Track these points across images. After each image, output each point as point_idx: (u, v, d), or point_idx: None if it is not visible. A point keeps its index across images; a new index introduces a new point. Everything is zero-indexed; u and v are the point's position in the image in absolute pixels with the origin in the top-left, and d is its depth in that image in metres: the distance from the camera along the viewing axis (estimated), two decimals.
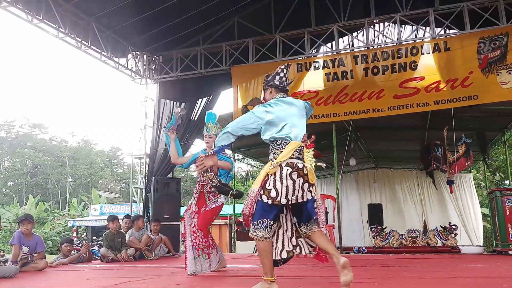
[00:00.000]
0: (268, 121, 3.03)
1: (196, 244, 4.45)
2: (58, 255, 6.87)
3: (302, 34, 8.62)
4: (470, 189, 13.25)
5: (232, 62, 9.00)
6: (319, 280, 3.84)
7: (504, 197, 6.38)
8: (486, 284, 3.29)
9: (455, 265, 4.72)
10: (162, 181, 8.41)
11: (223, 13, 8.73)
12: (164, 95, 9.58)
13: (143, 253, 7.13)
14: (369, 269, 4.86)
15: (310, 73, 8.65)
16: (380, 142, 12.44)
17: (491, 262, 5.53)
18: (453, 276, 3.71)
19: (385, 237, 10.02)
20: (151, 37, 8.91)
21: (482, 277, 3.76)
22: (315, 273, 4.38)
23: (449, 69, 7.78)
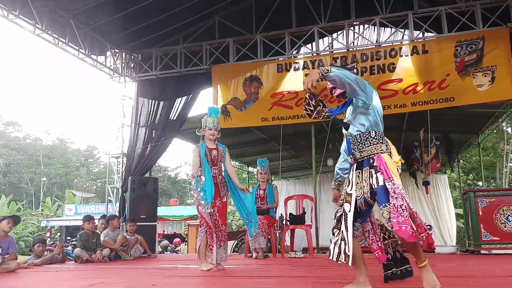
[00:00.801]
0: (373, 106, 2.92)
1: (220, 236, 4.74)
2: (30, 256, 6.71)
3: (283, 35, 8.63)
4: (444, 189, 13.48)
5: (212, 61, 8.95)
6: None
7: (477, 198, 6.51)
8: (458, 283, 3.34)
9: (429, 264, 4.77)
10: (139, 181, 8.31)
11: (204, 12, 8.66)
12: (142, 94, 9.46)
13: (118, 253, 7.02)
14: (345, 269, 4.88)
15: (290, 74, 8.67)
16: None
17: (464, 261, 5.64)
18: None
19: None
20: (130, 35, 8.78)
21: (455, 276, 3.81)
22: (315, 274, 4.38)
23: (426, 71, 7.90)
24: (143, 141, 9.09)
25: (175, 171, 40.07)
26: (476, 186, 16.91)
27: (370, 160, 2.85)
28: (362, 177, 2.86)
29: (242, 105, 8.80)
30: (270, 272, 4.60)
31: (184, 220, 18.51)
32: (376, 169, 2.80)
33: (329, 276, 4.13)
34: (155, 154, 9.13)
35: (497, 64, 7.42)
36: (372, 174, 2.81)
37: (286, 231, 7.36)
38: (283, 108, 8.54)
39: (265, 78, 8.79)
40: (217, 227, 4.74)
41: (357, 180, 2.89)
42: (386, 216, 2.71)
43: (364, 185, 2.82)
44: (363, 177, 2.85)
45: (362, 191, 2.82)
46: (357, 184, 2.87)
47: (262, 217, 6.62)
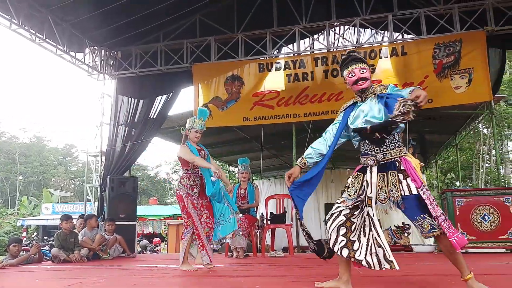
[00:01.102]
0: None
1: (210, 235, 4.69)
2: (5, 256, 6.56)
3: (264, 35, 8.64)
4: None
5: (193, 59, 8.90)
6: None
7: (455, 197, 6.62)
8: (436, 281, 3.39)
9: (408, 263, 4.85)
10: (118, 180, 8.21)
11: (185, 10, 8.61)
12: (122, 92, 9.34)
13: (97, 253, 6.93)
14: (325, 267, 4.91)
15: (272, 74, 8.69)
16: None
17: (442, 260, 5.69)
18: (406, 274, 3.81)
19: None
20: (110, 32, 8.66)
21: (433, 275, 3.88)
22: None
23: (405, 73, 8.02)
24: (122, 140, 8.99)
25: (155, 170, 39.79)
26: (454, 186, 17.23)
27: (396, 163, 2.77)
28: (388, 181, 2.75)
29: (224, 104, 8.78)
30: (251, 271, 4.60)
31: (163, 220, 18.36)
32: (404, 173, 2.72)
33: (309, 275, 4.15)
34: (134, 152, 9.04)
35: (474, 67, 7.57)
36: (401, 180, 2.72)
37: (266, 231, 7.37)
38: (264, 108, 8.55)
39: (247, 78, 8.79)
40: (209, 225, 4.70)
41: (382, 184, 2.78)
42: (426, 228, 2.60)
43: (392, 189, 2.72)
44: (390, 181, 2.75)
45: (387, 195, 2.73)
46: (382, 188, 2.77)
47: (243, 216, 6.61)
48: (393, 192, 2.70)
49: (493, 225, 6.28)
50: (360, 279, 3.18)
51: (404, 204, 2.68)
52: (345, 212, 2.85)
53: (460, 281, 2.66)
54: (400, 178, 2.71)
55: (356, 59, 2.95)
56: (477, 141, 21.62)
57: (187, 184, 4.68)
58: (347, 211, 2.85)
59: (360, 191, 2.84)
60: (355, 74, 2.90)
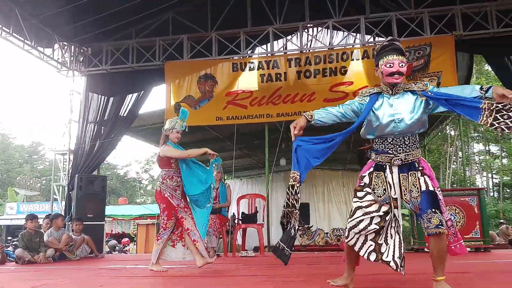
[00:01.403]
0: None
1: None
2: None
3: (238, 34, 8.62)
4: None
5: (165, 57, 8.79)
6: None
7: None
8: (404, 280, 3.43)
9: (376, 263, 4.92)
10: (86, 179, 8.03)
11: (158, 7, 8.48)
12: (92, 89, 9.15)
13: (63, 253, 6.75)
14: (296, 267, 4.94)
15: (245, 73, 8.68)
16: None
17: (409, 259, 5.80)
18: (375, 273, 3.85)
19: (312, 236, 10.30)
20: (80, 28, 8.46)
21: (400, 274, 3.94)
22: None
23: (376, 75, 8.12)
24: (91, 138, 8.81)
25: (125, 169, 39.17)
26: None
27: (416, 164, 2.71)
28: (409, 181, 2.68)
29: (197, 104, 8.71)
30: (221, 271, 4.57)
31: (133, 220, 18.08)
32: (422, 172, 2.69)
33: (280, 274, 4.16)
34: (103, 151, 8.87)
35: (442, 70, 7.76)
36: (419, 177, 2.67)
37: (238, 230, 7.35)
38: (237, 107, 8.53)
39: (220, 77, 8.75)
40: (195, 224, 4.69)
41: (406, 184, 2.69)
42: (435, 222, 2.52)
43: (412, 189, 2.65)
44: (411, 181, 2.67)
45: (410, 195, 2.66)
46: (406, 188, 2.68)
47: (214, 216, 6.57)
48: (413, 193, 2.64)
49: (458, 225, 6.44)
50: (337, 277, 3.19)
51: (421, 200, 2.62)
52: (377, 221, 2.71)
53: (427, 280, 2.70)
54: (418, 175, 2.67)
55: (398, 49, 2.73)
56: (445, 143, 22.21)
57: (170, 185, 4.62)
58: (378, 219, 2.71)
59: (387, 191, 2.73)
60: (394, 65, 2.70)
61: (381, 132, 2.75)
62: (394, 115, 2.70)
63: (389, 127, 2.70)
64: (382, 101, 2.78)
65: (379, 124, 2.73)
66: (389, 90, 2.79)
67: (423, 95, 2.71)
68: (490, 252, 6.40)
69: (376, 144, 2.81)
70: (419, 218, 2.63)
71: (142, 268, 5.18)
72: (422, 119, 2.72)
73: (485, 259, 5.11)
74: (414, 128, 2.72)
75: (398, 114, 2.69)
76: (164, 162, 4.68)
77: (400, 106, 2.72)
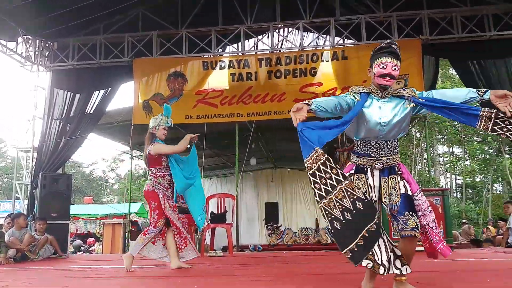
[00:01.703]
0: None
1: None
2: None
3: (209, 32, 8.55)
4: None
5: (134, 54, 8.63)
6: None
7: None
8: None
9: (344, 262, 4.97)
10: (51, 177, 7.79)
11: (127, 3, 8.30)
12: (57, 85, 8.89)
13: (25, 254, 6.53)
14: (264, 267, 4.95)
15: (216, 72, 8.63)
16: (279, 143, 12.81)
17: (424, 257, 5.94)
18: (344, 272, 3.90)
19: (280, 235, 10.35)
20: (46, 22, 8.18)
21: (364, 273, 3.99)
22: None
23: (345, 77, 8.24)
24: (56, 135, 8.56)
25: (91, 167, 38.34)
26: None
27: (395, 168, 2.75)
28: (389, 185, 2.71)
29: (166, 101, 8.58)
30: (189, 272, 4.52)
31: (99, 219, 17.72)
32: (401, 176, 2.73)
33: (248, 274, 4.15)
34: (69, 149, 8.64)
35: (409, 73, 7.93)
36: (399, 181, 2.71)
37: (206, 230, 7.30)
38: (207, 106, 8.47)
39: (190, 75, 8.67)
40: (184, 224, 4.78)
41: (386, 187, 2.71)
42: (411, 225, 2.58)
43: (392, 193, 2.68)
44: (391, 184, 2.71)
45: (389, 198, 2.69)
46: (386, 191, 2.71)
47: (182, 216, 6.50)
48: (393, 196, 2.67)
49: None
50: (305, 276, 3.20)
51: (398, 202, 2.66)
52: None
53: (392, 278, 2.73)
54: (398, 179, 2.72)
55: (394, 53, 2.72)
56: (410, 144, 22.76)
57: (163, 184, 4.62)
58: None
59: (368, 193, 2.70)
60: (387, 68, 2.70)
61: (367, 133, 2.74)
62: (381, 118, 2.70)
63: (375, 129, 2.71)
64: (371, 102, 2.77)
65: (367, 124, 2.72)
66: (379, 92, 2.79)
67: (413, 101, 2.72)
68: (453, 251, 6.56)
69: (359, 147, 2.81)
70: (394, 220, 2.66)
71: (108, 268, 5.08)
72: (406, 124, 2.77)
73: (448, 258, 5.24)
74: (398, 132, 2.76)
75: (385, 117, 2.70)
76: (155, 161, 4.67)
77: (388, 110, 2.73)
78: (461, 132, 24.02)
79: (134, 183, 28.94)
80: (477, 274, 3.84)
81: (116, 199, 33.28)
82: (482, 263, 4.91)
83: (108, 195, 34.49)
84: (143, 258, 4.91)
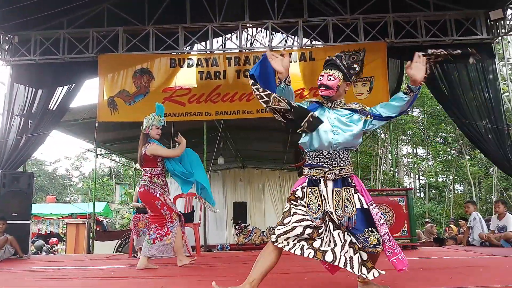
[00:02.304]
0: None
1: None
2: None
3: (177, 29, 8.46)
4: None
5: (99, 50, 8.44)
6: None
7: None
8: (341, 277, 3.52)
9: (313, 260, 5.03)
10: (11, 175, 7.52)
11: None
12: (18, 80, 8.58)
13: None
14: (231, 266, 4.95)
15: (183, 70, 8.55)
16: (247, 142, 12.84)
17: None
18: (311, 271, 3.94)
19: (248, 234, 10.36)
20: (6, 14, 7.85)
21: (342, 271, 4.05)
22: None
23: (312, 78, 8.31)
24: (17, 132, 8.28)
25: (53, 165, 37.34)
26: None
27: (349, 179, 2.75)
28: (343, 197, 2.69)
29: (131, 99, 8.46)
30: (156, 272, 4.47)
31: (62, 219, 17.29)
32: (355, 189, 2.73)
33: (216, 274, 4.14)
34: (30, 146, 8.37)
35: (374, 75, 8.09)
36: (353, 193, 2.71)
37: None
38: (175, 104, 8.38)
39: (157, 72, 8.56)
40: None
41: (338, 199, 2.69)
42: (372, 242, 2.59)
43: (347, 205, 2.66)
44: (345, 196, 2.69)
45: (343, 211, 2.65)
46: (339, 204, 2.68)
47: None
48: (348, 208, 2.65)
49: (388, 223, 6.74)
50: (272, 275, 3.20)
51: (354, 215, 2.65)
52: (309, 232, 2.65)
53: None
54: (352, 192, 2.71)
55: (333, 64, 2.81)
56: (375, 145, 23.24)
57: (158, 184, 4.63)
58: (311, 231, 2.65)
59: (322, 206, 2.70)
60: (323, 78, 2.80)
61: (319, 143, 2.75)
62: (333, 127, 2.75)
63: (328, 139, 2.73)
64: (323, 112, 2.82)
65: (318, 134, 2.75)
66: (328, 103, 2.85)
67: (369, 114, 2.82)
68: (417, 250, 6.75)
69: (311, 158, 2.80)
70: (353, 236, 2.64)
71: (71, 269, 4.95)
72: (359, 136, 2.80)
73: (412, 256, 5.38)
74: (350, 143, 2.78)
75: (336, 128, 2.75)
76: (150, 161, 4.66)
77: (340, 121, 2.78)
78: (424, 134, 24.74)
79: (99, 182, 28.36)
80: (440, 272, 3.95)
81: (80, 198, 32.53)
82: (444, 261, 5.05)
83: (71, 194, 33.64)
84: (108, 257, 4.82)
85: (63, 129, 10.45)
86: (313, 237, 2.65)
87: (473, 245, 7.13)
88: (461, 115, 8.07)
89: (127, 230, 10.17)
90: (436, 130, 24.40)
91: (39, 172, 33.50)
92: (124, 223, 17.40)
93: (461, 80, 8.14)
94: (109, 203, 22.52)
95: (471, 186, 22.29)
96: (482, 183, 23.71)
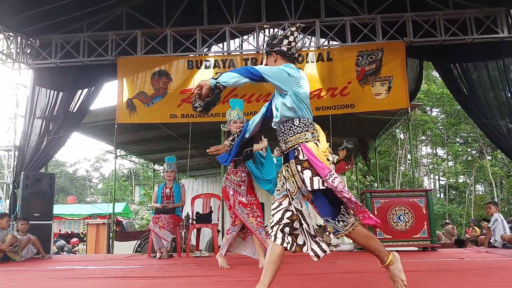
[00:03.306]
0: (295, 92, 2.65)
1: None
2: None
3: (194, 31, 8.52)
4: None
5: (118, 52, 8.55)
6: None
7: (373, 198, 6.96)
8: (355, 279, 3.52)
9: (328, 262, 5.00)
10: (33, 176, 7.68)
11: (111, 1, 8.20)
12: (39, 83, 8.76)
13: (7, 254, 6.43)
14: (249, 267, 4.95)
15: (201, 71, 8.59)
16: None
17: (360, 258, 5.98)
18: (327, 272, 3.93)
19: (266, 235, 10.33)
20: (28, 19, 8.03)
21: (352, 272, 4.03)
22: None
23: (330, 78, 8.29)
24: (39, 134, 8.45)
25: (74, 167, 37.94)
26: (373, 187, 18.14)
27: (295, 152, 2.56)
28: (292, 171, 2.56)
29: (150, 100, 8.55)
30: (174, 272, 4.50)
31: (82, 219, 17.55)
32: (303, 165, 2.51)
33: (233, 274, 4.15)
34: (52, 148, 8.53)
35: (393, 75, 8.01)
36: (300, 170, 2.51)
37: (192, 230, 7.28)
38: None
39: (175, 74, 8.63)
40: (260, 225, 4.63)
41: (287, 175, 2.59)
42: (330, 230, 2.53)
43: (297, 180, 2.52)
44: (292, 171, 2.55)
45: (296, 185, 2.53)
46: (288, 179, 2.58)
47: (167, 216, 6.49)
48: (298, 182, 2.53)
49: (407, 224, 6.68)
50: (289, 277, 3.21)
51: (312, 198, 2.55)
52: (288, 215, 2.60)
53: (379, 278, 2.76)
54: (299, 169, 2.52)
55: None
56: (394, 146, 22.99)
57: (234, 181, 4.61)
58: (290, 214, 2.60)
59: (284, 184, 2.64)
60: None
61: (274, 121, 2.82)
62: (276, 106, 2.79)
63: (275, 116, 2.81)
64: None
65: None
66: None
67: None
68: (437, 251, 6.67)
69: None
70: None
71: (91, 268, 5.03)
72: (280, 107, 2.73)
73: (432, 258, 5.32)
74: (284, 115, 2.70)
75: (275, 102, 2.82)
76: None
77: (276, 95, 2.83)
78: (444, 134, 24.38)
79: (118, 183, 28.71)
80: (461, 274, 3.89)
81: (100, 199, 32.95)
82: (464, 263, 4.98)
83: (91, 195, 34.14)
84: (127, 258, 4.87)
85: (83, 131, 10.62)
86: (294, 219, 2.60)
87: (495, 246, 7.01)
88: (482, 115, 7.95)
89: (146, 230, 10.26)
90: (455, 130, 24.05)
91: (60, 174, 34.07)
92: (143, 223, 17.59)
93: (481, 80, 8.01)
94: (128, 204, 22.77)
95: (492, 187, 21.89)
96: (504, 184, 23.26)
